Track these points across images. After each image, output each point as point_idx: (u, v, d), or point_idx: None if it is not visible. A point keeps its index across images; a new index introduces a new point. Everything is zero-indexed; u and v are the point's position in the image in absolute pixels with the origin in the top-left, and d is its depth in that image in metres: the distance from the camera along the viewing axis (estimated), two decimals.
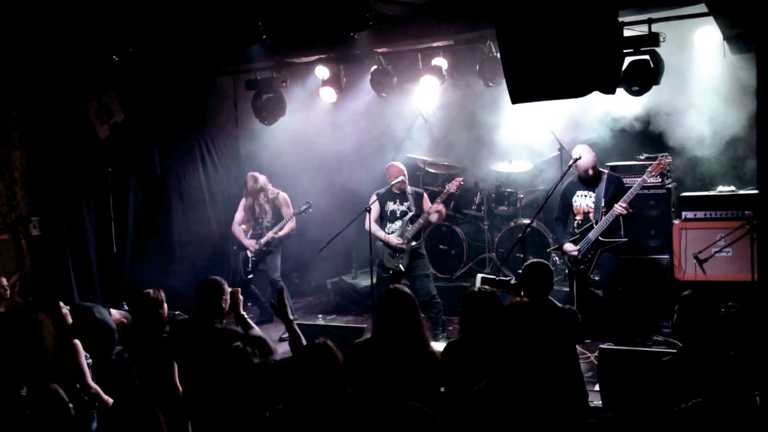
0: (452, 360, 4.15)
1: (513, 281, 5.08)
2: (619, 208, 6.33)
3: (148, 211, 8.70)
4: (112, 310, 5.50)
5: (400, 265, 7.08)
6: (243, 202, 8.00)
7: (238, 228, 7.98)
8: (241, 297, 4.66)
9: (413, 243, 7.08)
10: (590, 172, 6.59)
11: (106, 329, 5.26)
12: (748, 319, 4.36)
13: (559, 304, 4.76)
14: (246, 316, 4.65)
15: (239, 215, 8.00)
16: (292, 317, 4.25)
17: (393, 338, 3.99)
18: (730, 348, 3.82)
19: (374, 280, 7.29)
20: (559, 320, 4.51)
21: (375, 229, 7.17)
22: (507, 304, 3.60)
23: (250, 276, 7.88)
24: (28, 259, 7.44)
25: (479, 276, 5.51)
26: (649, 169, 6.48)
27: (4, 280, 6.04)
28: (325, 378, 3.23)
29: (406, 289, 4.15)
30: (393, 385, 3.80)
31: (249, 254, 7.85)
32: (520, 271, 4.83)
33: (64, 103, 7.67)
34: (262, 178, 7.88)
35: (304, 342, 4.14)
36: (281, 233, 7.79)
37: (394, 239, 7.09)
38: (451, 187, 7.12)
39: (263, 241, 7.77)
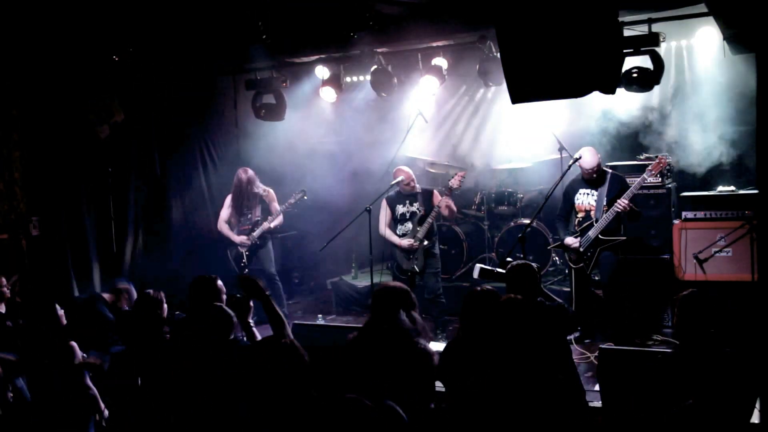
0: (452, 359, 4.16)
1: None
2: (620, 205, 6.32)
3: (148, 211, 8.70)
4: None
5: (415, 266, 7.09)
6: (229, 199, 7.92)
7: (225, 225, 7.89)
8: (251, 304, 4.65)
9: (425, 243, 7.08)
10: (593, 173, 6.58)
11: (104, 321, 5.29)
12: (741, 317, 4.38)
13: (548, 302, 4.76)
14: (252, 325, 4.65)
15: (225, 212, 7.91)
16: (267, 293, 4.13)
17: (380, 334, 4.05)
18: (726, 345, 3.83)
19: (374, 280, 7.31)
20: (548, 317, 4.51)
21: (388, 234, 7.26)
22: (500, 301, 3.62)
23: (246, 271, 7.85)
24: (28, 259, 7.44)
25: (477, 266, 5.52)
26: (650, 168, 6.48)
27: (4, 280, 6.04)
28: (289, 379, 3.18)
29: (398, 284, 4.22)
30: (382, 381, 3.83)
31: (242, 250, 7.83)
32: (504, 272, 4.84)
33: (64, 103, 7.67)
34: (251, 172, 7.81)
35: (286, 322, 4.10)
36: (273, 224, 7.75)
37: (405, 242, 7.10)
38: (454, 182, 7.07)
39: (256, 234, 7.71)
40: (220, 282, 4.76)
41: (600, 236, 6.49)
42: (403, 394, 4.02)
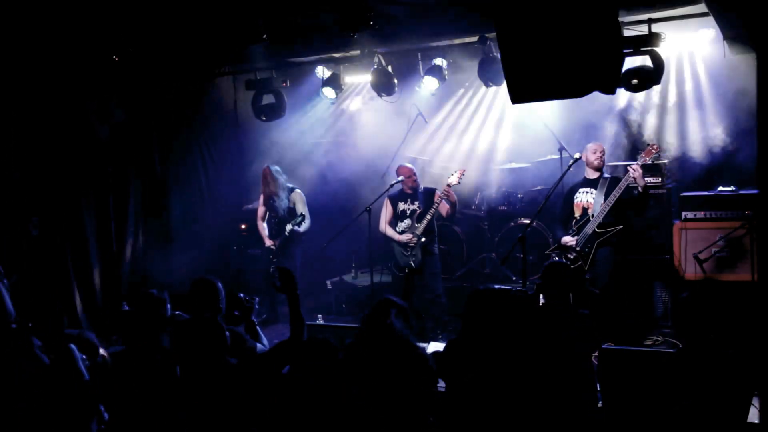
0: (454, 357, 4.17)
1: (530, 293, 5.06)
2: (632, 170, 6.33)
3: (148, 211, 8.70)
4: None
5: (412, 263, 7.10)
6: (262, 197, 8.05)
7: (260, 224, 8.07)
8: (256, 306, 4.66)
9: (423, 239, 7.10)
10: (598, 155, 6.61)
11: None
12: (738, 314, 4.38)
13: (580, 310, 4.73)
14: (256, 323, 4.65)
15: (260, 210, 8.08)
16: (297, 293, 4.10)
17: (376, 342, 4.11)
18: (727, 346, 3.84)
19: (374, 280, 7.32)
20: (572, 324, 4.50)
21: (389, 231, 7.30)
22: (507, 297, 3.62)
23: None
24: (28, 259, 7.43)
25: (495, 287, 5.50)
26: (642, 154, 6.53)
27: (6, 281, 6.03)
28: (325, 378, 3.21)
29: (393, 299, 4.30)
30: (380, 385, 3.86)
31: (269, 253, 7.90)
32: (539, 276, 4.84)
33: (64, 103, 7.66)
34: (273, 168, 7.90)
35: (305, 326, 4.10)
36: (302, 228, 7.79)
37: (404, 237, 7.13)
38: (453, 179, 7.06)
39: (278, 242, 7.84)
40: (220, 284, 4.76)
41: (596, 229, 6.50)
42: (402, 399, 4.04)
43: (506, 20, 4.20)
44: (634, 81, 6.27)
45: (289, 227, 7.74)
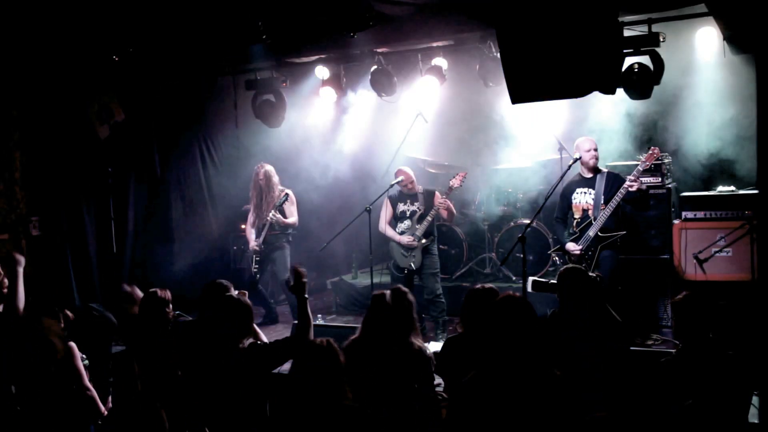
0: (452, 355, 4.18)
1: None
2: (629, 182, 6.27)
3: (148, 211, 8.70)
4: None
5: (412, 264, 7.11)
6: (253, 202, 7.95)
7: (248, 229, 7.96)
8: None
9: (423, 241, 7.11)
10: (592, 153, 6.55)
11: (105, 323, 5.28)
12: (738, 314, 4.35)
13: (617, 316, 4.68)
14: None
15: (251, 217, 7.95)
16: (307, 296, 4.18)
17: (378, 336, 4.13)
18: (728, 347, 3.84)
19: (374, 280, 7.31)
20: (604, 329, 4.48)
21: (389, 231, 7.30)
22: (499, 297, 3.62)
23: (258, 276, 7.85)
24: (28, 259, 7.42)
25: (531, 279, 5.43)
26: (643, 159, 6.49)
27: (6, 281, 6.02)
28: (326, 379, 3.21)
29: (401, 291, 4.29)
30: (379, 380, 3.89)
31: (253, 254, 7.85)
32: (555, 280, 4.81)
33: (64, 103, 7.67)
34: (267, 167, 7.80)
35: (312, 327, 4.15)
36: (285, 220, 7.69)
37: (405, 239, 7.13)
38: (454, 182, 7.10)
39: (260, 240, 7.75)
40: (233, 288, 4.79)
41: (599, 234, 6.48)
42: (403, 394, 4.05)
43: (506, 20, 4.20)
44: (634, 83, 6.26)
45: (271, 215, 7.64)
